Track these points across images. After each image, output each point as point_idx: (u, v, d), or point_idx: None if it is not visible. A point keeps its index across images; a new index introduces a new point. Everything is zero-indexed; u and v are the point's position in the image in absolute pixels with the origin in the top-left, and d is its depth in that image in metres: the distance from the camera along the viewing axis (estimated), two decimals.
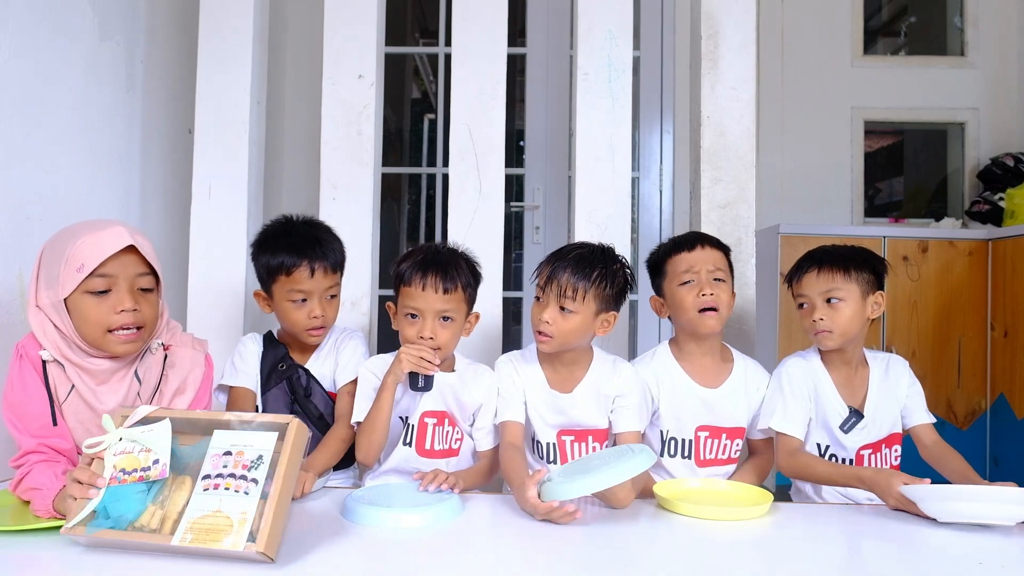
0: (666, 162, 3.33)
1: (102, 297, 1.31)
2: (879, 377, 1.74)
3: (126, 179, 2.18)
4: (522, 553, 1.23)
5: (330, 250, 1.67)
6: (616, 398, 1.67)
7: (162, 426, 1.18)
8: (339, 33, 2.17)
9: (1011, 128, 3.56)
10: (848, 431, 1.69)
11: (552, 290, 1.59)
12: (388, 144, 3.02)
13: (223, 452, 1.14)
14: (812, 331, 1.69)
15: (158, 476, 1.14)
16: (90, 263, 1.29)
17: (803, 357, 1.76)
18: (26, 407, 1.35)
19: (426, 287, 1.57)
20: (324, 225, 1.75)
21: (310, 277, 1.63)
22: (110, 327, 1.32)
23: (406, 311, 1.60)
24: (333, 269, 1.67)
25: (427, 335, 1.57)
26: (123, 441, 1.17)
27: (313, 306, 1.65)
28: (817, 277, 1.69)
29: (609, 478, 1.30)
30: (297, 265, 1.62)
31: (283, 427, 1.14)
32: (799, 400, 1.69)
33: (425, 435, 1.64)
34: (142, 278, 1.35)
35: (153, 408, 1.20)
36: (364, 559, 1.17)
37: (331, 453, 1.63)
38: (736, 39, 2.16)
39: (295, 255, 1.63)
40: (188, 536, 1.08)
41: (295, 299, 1.64)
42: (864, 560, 1.26)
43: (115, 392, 1.38)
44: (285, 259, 1.62)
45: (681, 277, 1.71)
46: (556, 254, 1.65)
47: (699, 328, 1.70)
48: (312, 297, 1.65)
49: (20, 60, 1.75)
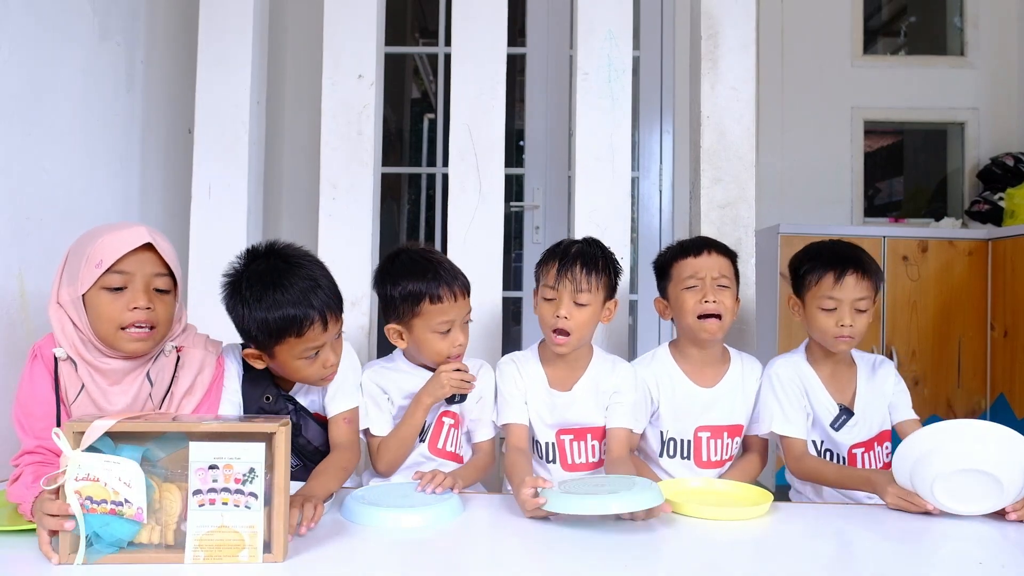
0: (666, 162, 3.33)
1: (118, 294, 1.32)
2: (866, 376, 1.75)
3: (126, 179, 2.18)
4: (522, 553, 1.23)
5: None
6: (613, 394, 1.68)
7: (133, 470, 1.08)
8: (339, 33, 2.17)
9: (1011, 128, 3.56)
10: (839, 429, 1.70)
11: (565, 286, 1.61)
12: (388, 144, 3.02)
13: (208, 466, 1.09)
14: (833, 335, 1.67)
15: (133, 517, 1.08)
16: (108, 259, 1.31)
17: (788, 359, 1.76)
18: (32, 407, 1.36)
19: (457, 297, 1.58)
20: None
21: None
22: (123, 324, 1.33)
23: (437, 327, 1.58)
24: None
25: (463, 340, 1.61)
26: (83, 467, 1.09)
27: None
28: (856, 284, 1.66)
29: (610, 506, 1.27)
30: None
31: (268, 436, 1.11)
32: (794, 401, 1.70)
33: (440, 433, 1.65)
34: (159, 279, 1.36)
35: (112, 422, 1.09)
36: (364, 559, 1.17)
37: (333, 481, 1.45)
38: (736, 39, 2.16)
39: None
40: (200, 554, 1.08)
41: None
42: (864, 560, 1.26)
43: (125, 393, 1.39)
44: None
45: (685, 282, 1.71)
46: (555, 253, 1.67)
47: (699, 333, 1.70)
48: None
49: (20, 60, 1.74)
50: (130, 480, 1.08)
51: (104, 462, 1.08)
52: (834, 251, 1.72)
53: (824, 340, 1.70)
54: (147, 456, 1.10)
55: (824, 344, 1.70)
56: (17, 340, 1.70)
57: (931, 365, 2.99)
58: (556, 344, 1.64)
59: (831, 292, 1.66)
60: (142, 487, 1.08)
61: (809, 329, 1.73)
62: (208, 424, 1.12)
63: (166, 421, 1.13)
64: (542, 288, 1.67)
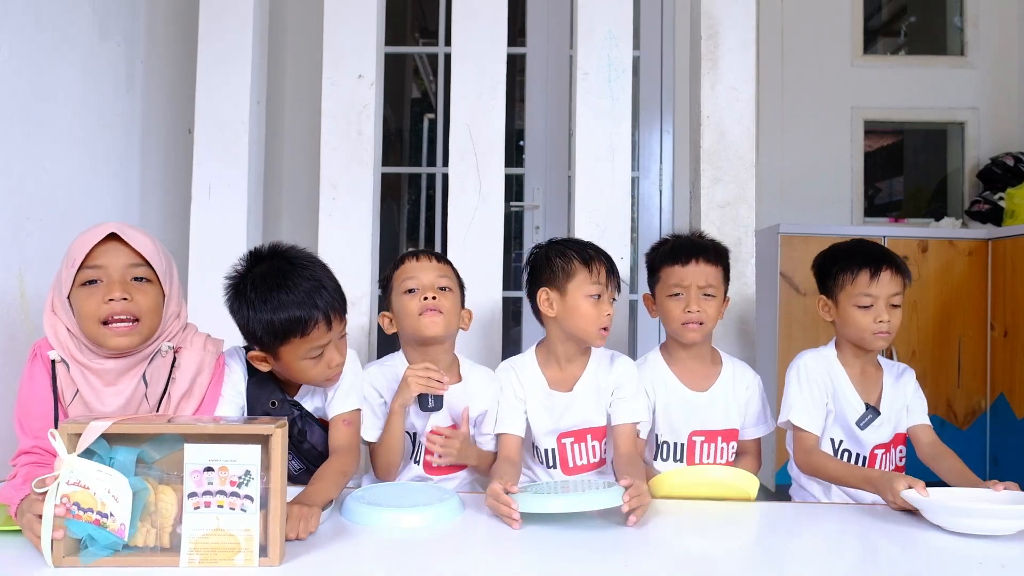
0: (666, 162, 3.33)
1: (93, 288, 1.33)
2: (892, 380, 1.77)
3: (126, 179, 2.18)
4: (522, 553, 1.22)
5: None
6: (615, 390, 1.68)
7: (122, 485, 1.06)
8: (339, 33, 2.17)
9: (1011, 128, 3.56)
10: (864, 427, 1.70)
11: (611, 284, 1.68)
12: (388, 144, 3.02)
13: (203, 468, 1.08)
14: (871, 331, 1.67)
15: (115, 532, 1.06)
16: (79, 256, 1.32)
17: (819, 352, 1.76)
18: (31, 406, 1.37)
19: (420, 258, 1.66)
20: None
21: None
22: (102, 318, 1.32)
23: (406, 285, 1.63)
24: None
25: (431, 296, 1.60)
26: (76, 473, 1.07)
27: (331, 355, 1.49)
28: (891, 279, 1.68)
29: (572, 505, 1.29)
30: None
31: (265, 438, 1.09)
32: (816, 395, 1.70)
33: (432, 452, 1.63)
34: (135, 268, 1.35)
35: (108, 423, 1.08)
36: (364, 559, 1.17)
37: (331, 487, 1.40)
38: (736, 39, 2.16)
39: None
40: (195, 557, 1.07)
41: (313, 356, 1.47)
42: (864, 560, 1.26)
43: (120, 394, 1.38)
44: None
45: (671, 289, 1.73)
46: (587, 251, 1.69)
47: (681, 338, 1.74)
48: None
49: (20, 60, 1.74)
50: (118, 495, 1.06)
51: (96, 471, 1.07)
52: (865, 249, 1.74)
53: (862, 338, 1.69)
54: (142, 458, 1.09)
55: (861, 342, 1.71)
56: (17, 340, 1.70)
57: (931, 365, 2.99)
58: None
59: (868, 289, 1.67)
60: (128, 503, 1.06)
61: (843, 328, 1.73)
62: (204, 426, 1.11)
63: (162, 423, 1.12)
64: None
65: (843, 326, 1.73)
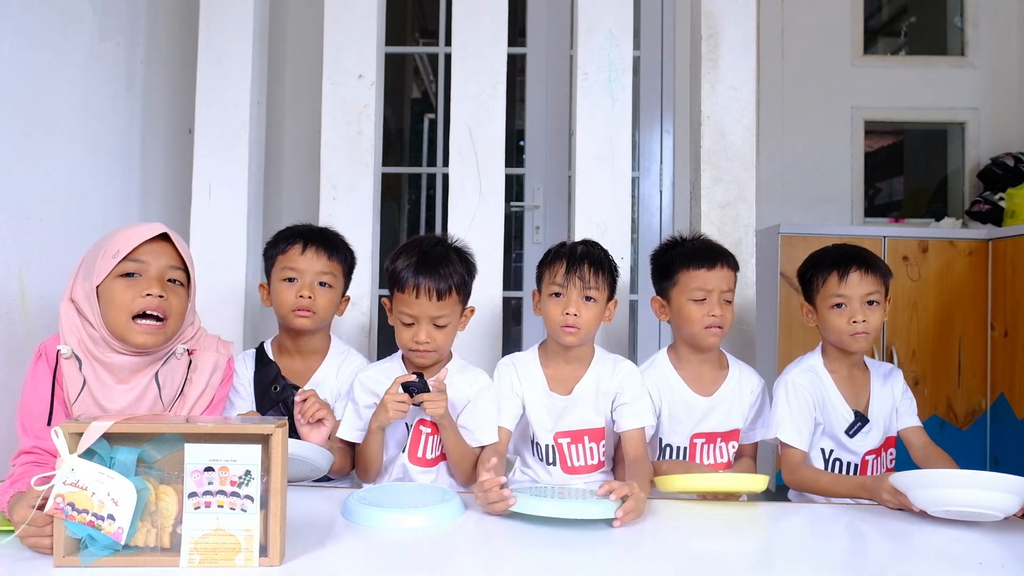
0: (666, 162, 3.33)
1: (132, 280, 1.36)
2: (879, 383, 1.77)
3: (126, 179, 2.18)
4: (522, 553, 1.22)
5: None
6: (617, 395, 1.68)
7: (126, 489, 1.06)
8: (339, 33, 2.17)
9: (1011, 128, 3.56)
10: (854, 435, 1.70)
11: (574, 283, 1.64)
12: (388, 144, 3.01)
13: (204, 468, 1.07)
14: (848, 332, 1.68)
15: (112, 535, 1.05)
16: (124, 248, 1.35)
17: (806, 365, 1.76)
18: (32, 406, 1.37)
19: (420, 294, 1.56)
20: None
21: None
22: (135, 312, 1.35)
23: (401, 317, 1.61)
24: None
25: (422, 339, 1.58)
26: (75, 472, 1.06)
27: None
28: (861, 279, 1.68)
29: (565, 512, 1.29)
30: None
31: (265, 438, 1.09)
32: (805, 412, 1.70)
33: (418, 443, 1.64)
34: (173, 271, 1.40)
35: (109, 424, 1.07)
36: (364, 559, 1.17)
37: (337, 452, 1.59)
38: (736, 39, 2.16)
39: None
40: (196, 557, 1.07)
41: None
42: (863, 559, 1.26)
43: (129, 392, 1.39)
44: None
45: (694, 293, 1.71)
46: (560, 253, 1.68)
47: (701, 343, 1.73)
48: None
49: (20, 60, 1.74)
50: (120, 498, 1.05)
51: (98, 474, 1.06)
52: (837, 251, 1.75)
53: (840, 340, 1.70)
54: (143, 458, 1.08)
55: (841, 344, 1.71)
56: (17, 340, 1.70)
57: (931, 365, 2.99)
58: (567, 334, 1.64)
59: (838, 290, 1.69)
60: (130, 507, 1.05)
61: (824, 332, 1.75)
62: (204, 425, 1.11)
63: (162, 422, 1.12)
64: (548, 286, 1.68)
65: (823, 330, 1.75)
